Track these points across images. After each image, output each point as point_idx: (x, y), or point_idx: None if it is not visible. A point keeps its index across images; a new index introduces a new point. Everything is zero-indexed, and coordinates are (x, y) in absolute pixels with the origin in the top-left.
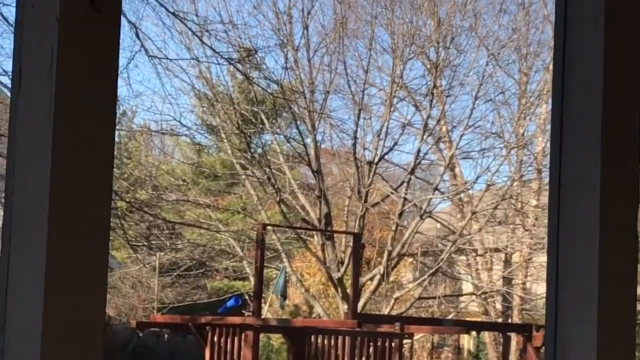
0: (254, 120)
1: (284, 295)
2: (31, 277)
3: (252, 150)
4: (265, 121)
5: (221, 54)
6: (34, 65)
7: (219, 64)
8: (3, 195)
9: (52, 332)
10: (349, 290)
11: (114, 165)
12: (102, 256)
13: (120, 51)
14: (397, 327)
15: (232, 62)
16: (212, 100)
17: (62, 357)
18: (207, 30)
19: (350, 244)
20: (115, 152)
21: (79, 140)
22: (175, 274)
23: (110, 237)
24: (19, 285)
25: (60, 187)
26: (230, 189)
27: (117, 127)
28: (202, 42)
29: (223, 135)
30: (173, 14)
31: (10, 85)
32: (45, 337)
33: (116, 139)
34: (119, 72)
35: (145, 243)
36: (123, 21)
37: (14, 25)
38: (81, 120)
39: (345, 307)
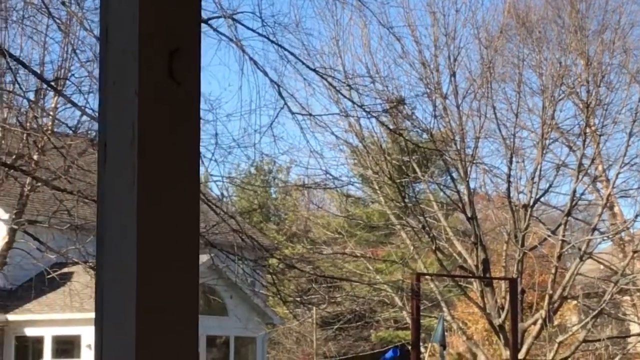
0: (405, 170)
1: (443, 344)
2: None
3: (406, 200)
4: (418, 170)
5: (369, 106)
6: (117, 138)
7: (367, 117)
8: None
9: None
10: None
11: (273, 222)
12: (193, 338)
13: (264, 109)
14: None
15: (379, 114)
16: (363, 152)
17: None
18: (349, 86)
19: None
20: (271, 208)
21: (164, 209)
22: (336, 326)
23: (268, 294)
24: None
25: (147, 255)
26: (386, 239)
27: (272, 183)
28: (345, 97)
29: (376, 186)
30: (314, 70)
31: None
32: None
33: (272, 195)
34: (264, 130)
35: (305, 298)
36: (265, 80)
37: (98, 103)
38: (165, 191)
39: (509, 353)
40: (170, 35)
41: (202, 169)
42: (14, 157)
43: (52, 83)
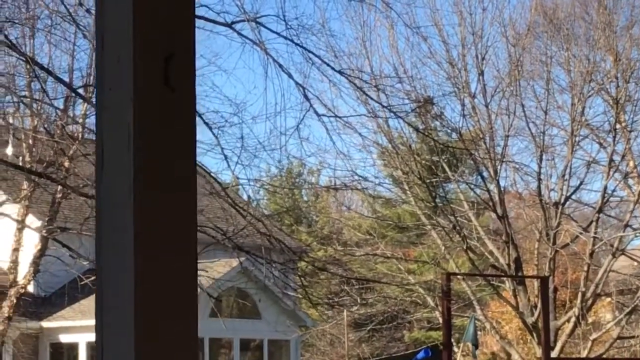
0: (435, 170)
1: (475, 344)
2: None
3: (437, 200)
4: (447, 170)
5: (397, 106)
6: (113, 144)
7: (395, 118)
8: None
9: None
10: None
11: (305, 224)
12: (192, 332)
13: (289, 111)
14: None
15: (407, 114)
16: (392, 152)
17: None
18: (376, 86)
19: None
20: (303, 211)
21: (160, 214)
22: (369, 328)
23: (298, 296)
24: None
25: (143, 260)
26: (417, 239)
27: (303, 186)
28: (371, 98)
29: (406, 187)
30: (339, 72)
31: None
32: None
33: (304, 198)
34: (288, 133)
35: (335, 300)
36: (290, 82)
37: (95, 109)
38: (161, 195)
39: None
40: (165, 41)
41: (228, 173)
42: (44, 164)
43: (81, 90)
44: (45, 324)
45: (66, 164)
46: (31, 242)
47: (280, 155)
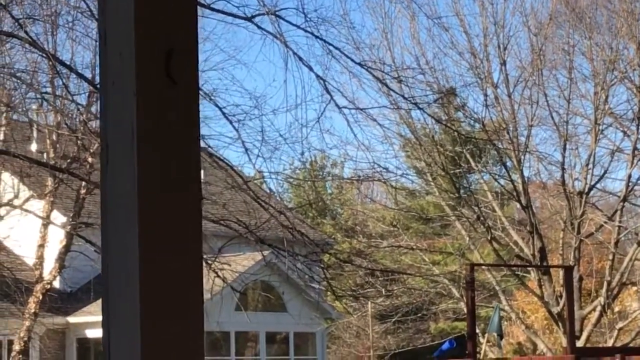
0: (459, 161)
1: (500, 334)
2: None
3: (460, 191)
4: (471, 160)
5: (419, 97)
6: (117, 138)
7: (416, 109)
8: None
9: None
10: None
11: (330, 216)
12: (197, 330)
13: (310, 104)
14: None
15: (429, 105)
16: (415, 144)
17: None
18: (396, 78)
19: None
20: (327, 204)
21: (165, 208)
22: (394, 319)
23: (322, 288)
24: None
25: (148, 259)
26: (442, 231)
27: (326, 178)
28: (393, 91)
29: (429, 178)
30: (359, 64)
31: None
32: None
33: (328, 190)
34: (309, 126)
35: (360, 291)
36: (310, 75)
37: (99, 104)
38: (165, 189)
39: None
40: (166, 35)
41: (250, 166)
42: (68, 160)
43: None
44: (71, 319)
45: (89, 159)
46: (56, 238)
47: (302, 148)
